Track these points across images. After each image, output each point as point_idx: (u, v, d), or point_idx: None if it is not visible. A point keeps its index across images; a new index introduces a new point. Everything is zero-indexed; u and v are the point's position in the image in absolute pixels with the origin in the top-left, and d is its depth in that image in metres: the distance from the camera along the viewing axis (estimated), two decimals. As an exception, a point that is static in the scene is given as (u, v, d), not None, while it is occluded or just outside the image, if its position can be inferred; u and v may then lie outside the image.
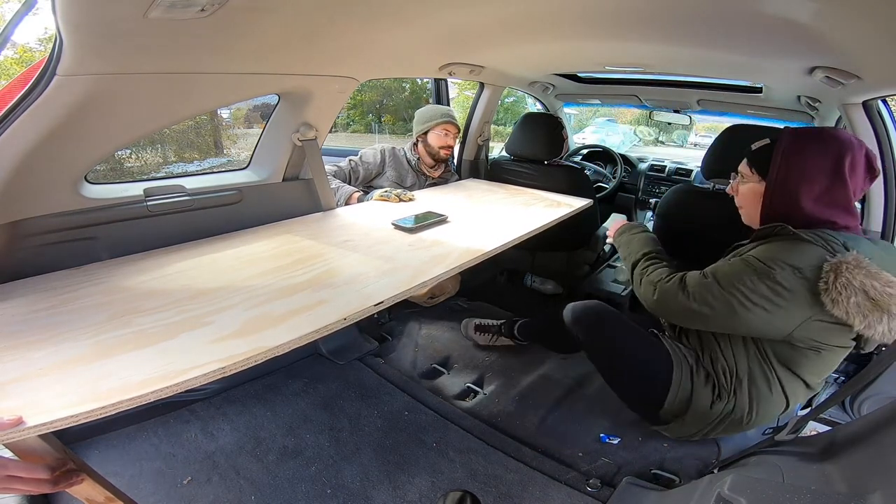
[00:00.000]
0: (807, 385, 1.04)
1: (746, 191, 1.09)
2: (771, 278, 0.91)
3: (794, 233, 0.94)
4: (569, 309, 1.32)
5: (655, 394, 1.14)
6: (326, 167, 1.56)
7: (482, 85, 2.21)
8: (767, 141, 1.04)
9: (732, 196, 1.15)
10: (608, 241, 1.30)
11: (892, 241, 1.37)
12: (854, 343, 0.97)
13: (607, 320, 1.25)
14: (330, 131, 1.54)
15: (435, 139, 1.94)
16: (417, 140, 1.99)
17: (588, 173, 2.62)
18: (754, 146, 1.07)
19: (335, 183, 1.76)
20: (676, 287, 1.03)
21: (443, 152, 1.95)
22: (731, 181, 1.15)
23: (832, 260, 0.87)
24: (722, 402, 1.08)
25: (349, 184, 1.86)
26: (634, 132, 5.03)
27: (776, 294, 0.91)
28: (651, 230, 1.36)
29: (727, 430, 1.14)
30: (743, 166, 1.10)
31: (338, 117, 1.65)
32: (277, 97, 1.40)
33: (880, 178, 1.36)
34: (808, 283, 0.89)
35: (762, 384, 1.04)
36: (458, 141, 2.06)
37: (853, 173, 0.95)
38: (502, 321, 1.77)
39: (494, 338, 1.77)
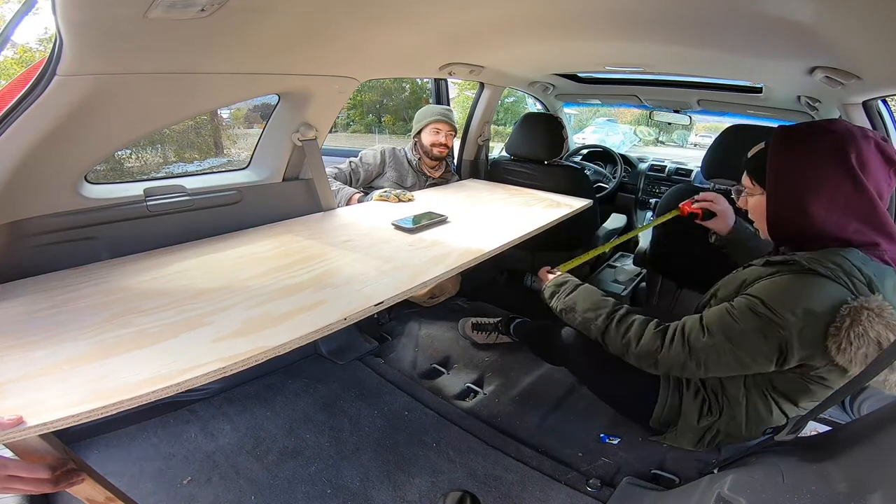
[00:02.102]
0: (804, 408, 0.98)
1: (754, 204, 0.96)
2: (780, 328, 0.80)
3: (808, 267, 0.81)
4: (566, 333, 1.27)
5: (641, 410, 1.16)
6: (326, 169, 1.56)
7: (482, 85, 2.21)
8: (762, 145, 0.92)
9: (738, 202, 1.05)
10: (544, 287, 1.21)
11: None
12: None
13: (591, 348, 1.18)
14: (330, 131, 1.54)
15: (427, 137, 1.96)
16: (415, 140, 2.00)
17: (588, 173, 2.62)
18: (750, 153, 0.95)
19: (336, 185, 1.76)
20: (681, 352, 0.91)
21: (436, 150, 1.96)
22: (735, 195, 1.05)
23: (853, 303, 0.75)
24: (712, 416, 1.05)
25: (350, 185, 1.86)
26: (634, 132, 5.03)
27: (785, 342, 0.81)
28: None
29: (726, 441, 1.10)
30: (745, 178, 0.98)
31: (338, 117, 1.65)
32: (277, 97, 1.40)
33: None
34: (819, 326, 0.78)
35: (762, 409, 0.99)
36: (455, 140, 2.05)
37: (865, 169, 0.79)
38: (499, 319, 1.77)
39: (493, 336, 1.76)
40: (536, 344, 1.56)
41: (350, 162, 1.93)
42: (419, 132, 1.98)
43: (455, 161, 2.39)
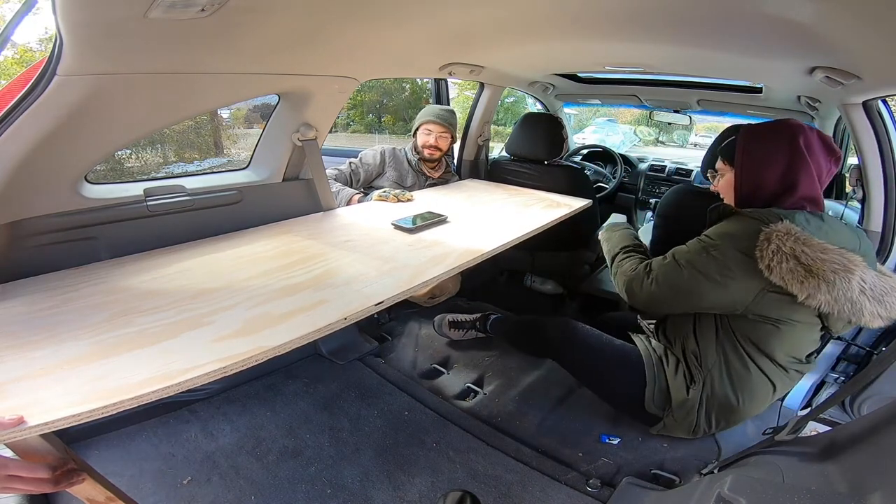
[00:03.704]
0: (779, 365, 1.08)
1: (724, 183, 1.18)
2: (717, 251, 1.01)
3: (736, 210, 1.07)
4: (545, 323, 1.41)
5: (634, 393, 1.21)
6: (326, 170, 1.56)
7: (482, 85, 2.21)
8: (733, 137, 1.16)
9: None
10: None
11: (893, 243, 1.36)
12: (819, 322, 1.04)
13: (576, 335, 1.33)
14: (330, 131, 1.54)
15: (419, 138, 1.97)
16: (413, 140, 2.01)
17: (588, 173, 2.62)
18: (723, 143, 1.20)
19: (336, 186, 1.76)
20: (642, 273, 1.13)
21: (426, 152, 1.96)
22: (711, 179, 1.26)
23: (765, 229, 0.95)
24: (697, 386, 1.13)
25: (350, 186, 1.86)
26: (634, 132, 5.02)
27: (724, 266, 1.00)
28: (647, 228, 1.38)
29: (724, 419, 1.15)
30: (719, 163, 1.21)
31: (338, 117, 1.65)
32: (277, 97, 1.40)
33: (880, 179, 1.36)
34: (746, 253, 0.97)
35: (738, 364, 1.09)
36: (452, 139, 2.04)
37: (810, 152, 1.03)
38: (477, 316, 1.76)
39: (470, 333, 1.77)
40: (522, 337, 1.58)
41: (350, 163, 1.93)
42: (415, 132, 1.99)
43: (455, 161, 2.39)
